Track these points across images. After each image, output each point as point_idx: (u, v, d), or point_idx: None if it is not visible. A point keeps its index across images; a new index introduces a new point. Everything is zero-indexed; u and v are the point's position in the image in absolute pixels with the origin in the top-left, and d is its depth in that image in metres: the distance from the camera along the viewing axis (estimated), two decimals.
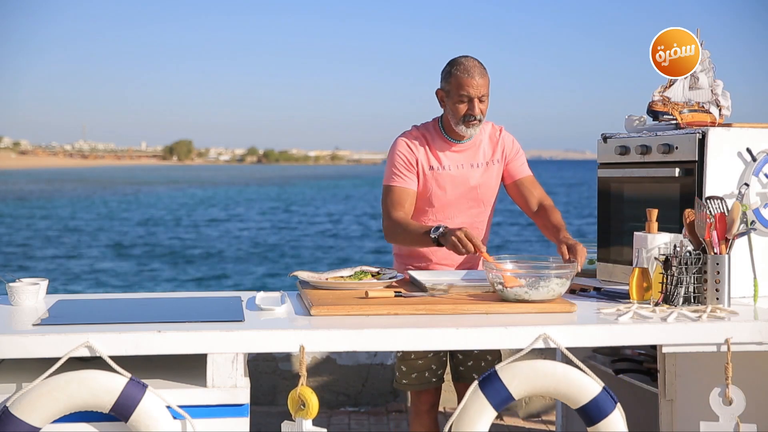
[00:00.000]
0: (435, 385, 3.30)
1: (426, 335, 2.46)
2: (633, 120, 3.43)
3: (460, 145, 3.31)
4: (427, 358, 3.25)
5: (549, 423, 4.72)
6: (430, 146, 3.30)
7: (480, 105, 3.19)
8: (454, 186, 3.29)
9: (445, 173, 3.28)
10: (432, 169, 3.29)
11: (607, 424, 2.48)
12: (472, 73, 3.16)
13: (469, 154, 3.32)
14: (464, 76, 3.16)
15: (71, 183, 76.73)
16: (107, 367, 2.35)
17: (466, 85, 3.15)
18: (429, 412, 3.32)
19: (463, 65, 3.18)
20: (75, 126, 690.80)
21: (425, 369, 3.26)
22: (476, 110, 3.18)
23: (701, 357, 2.88)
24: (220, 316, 2.60)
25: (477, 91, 3.16)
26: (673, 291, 2.74)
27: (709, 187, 3.02)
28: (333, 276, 3.03)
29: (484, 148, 3.35)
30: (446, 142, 3.30)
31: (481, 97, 3.18)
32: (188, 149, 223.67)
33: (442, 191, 3.29)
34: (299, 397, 2.42)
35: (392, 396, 4.91)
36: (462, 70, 3.16)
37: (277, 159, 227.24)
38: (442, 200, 3.30)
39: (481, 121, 3.22)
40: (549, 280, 2.71)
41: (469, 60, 3.20)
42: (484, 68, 3.21)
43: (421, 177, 3.29)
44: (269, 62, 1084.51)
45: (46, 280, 2.89)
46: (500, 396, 2.46)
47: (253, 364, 4.78)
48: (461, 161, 3.31)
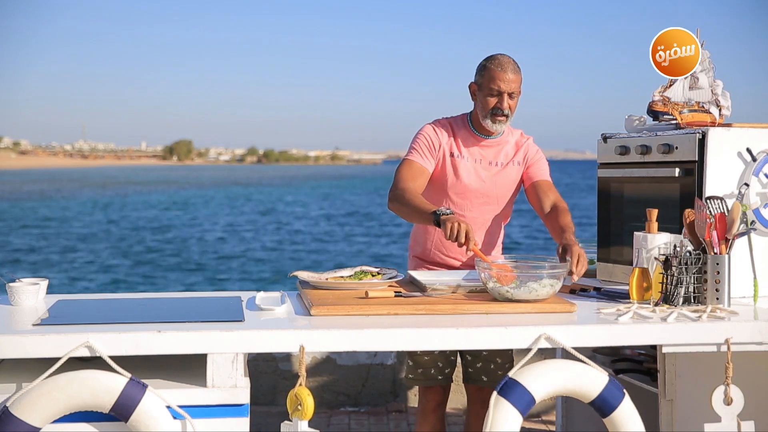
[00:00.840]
0: (441, 383, 3.30)
1: (426, 335, 2.46)
2: (633, 120, 3.44)
3: (486, 140, 3.33)
4: (433, 355, 3.26)
5: (549, 423, 4.72)
6: (455, 136, 3.34)
7: (509, 101, 3.23)
8: (471, 178, 3.30)
9: (464, 163, 3.31)
10: (452, 156, 3.31)
11: (621, 411, 2.52)
12: (506, 68, 3.20)
13: (493, 152, 3.34)
14: (497, 69, 3.20)
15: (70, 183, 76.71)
16: (107, 367, 2.35)
17: (498, 79, 3.19)
18: (435, 411, 3.33)
19: (498, 60, 3.23)
20: (75, 126, 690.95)
21: (431, 366, 3.27)
22: (505, 104, 3.21)
23: (701, 357, 2.88)
24: (220, 316, 2.60)
25: (508, 87, 3.20)
26: (673, 291, 2.74)
27: (709, 187, 3.02)
28: (333, 276, 3.03)
29: (507, 150, 3.37)
30: (472, 135, 3.34)
31: (511, 93, 3.22)
32: (188, 149, 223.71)
33: (458, 180, 3.30)
34: (296, 398, 2.42)
35: (392, 396, 4.91)
36: (496, 65, 3.21)
37: (277, 159, 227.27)
38: (456, 189, 3.31)
39: (508, 117, 3.25)
40: (537, 281, 2.71)
41: (505, 57, 3.25)
42: (518, 67, 3.25)
43: (440, 161, 3.32)
44: (269, 62, 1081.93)
45: (46, 280, 2.89)
46: (524, 400, 2.47)
47: (253, 364, 4.78)
48: (483, 156, 3.33)
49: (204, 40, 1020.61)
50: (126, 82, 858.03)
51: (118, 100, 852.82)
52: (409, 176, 3.27)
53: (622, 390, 2.52)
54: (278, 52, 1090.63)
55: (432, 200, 3.31)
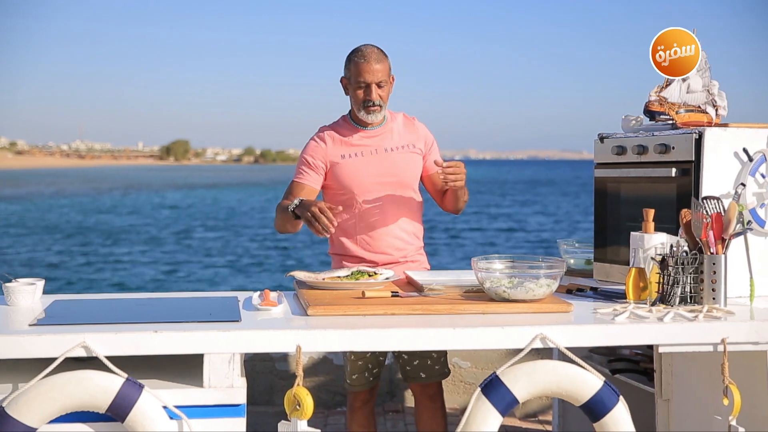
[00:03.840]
0: (372, 385, 3.37)
1: (422, 335, 2.46)
2: (630, 120, 3.44)
3: (371, 131, 3.34)
4: (365, 358, 3.30)
5: (546, 423, 4.72)
6: (339, 139, 3.34)
7: (378, 91, 3.24)
8: (371, 170, 3.30)
9: (358, 159, 3.31)
10: (344, 158, 3.31)
11: (613, 417, 2.48)
12: (369, 59, 3.22)
13: (382, 139, 3.34)
14: (361, 62, 3.22)
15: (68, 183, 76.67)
16: (103, 367, 2.34)
17: (363, 71, 3.21)
18: (362, 408, 3.39)
19: (362, 52, 3.24)
20: (72, 126, 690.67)
21: (364, 369, 3.32)
22: (374, 95, 3.23)
23: (698, 357, 2.89)
24: (217, 316, 2.60)
25: (374, 77, 3.21)
26: (669, 291, 2.74)
27: (706, 187, 3.03)
28: (330, 276, 3.03)
29: (399, 133, 3.37)
30: (356, 130, 3.34)
31: (379, 83, 3.23)
32: (185, 149, 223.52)
33: (359, 177, 3.30)
34: (294, 398, 2.42)
35: (389, 396, 4.91)
36: (359, 56, 3.24)
37: (274, 159, 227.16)
38: (361, 186, 3.30)
39: (381, 107, 3.27)
40: (533, 281, 2.71)
41: (368, 47, 3.26)
42: (383, 54, 3.26)
43: (328, 173, 3.32)
44: (266, 62, 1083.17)
45: (42, 280, 2.89)
46: (505, 400, 2.45)
47: (249, 364, 4.78)
48: (374, 146, 3.33)
49: (201, 39, 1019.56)
50: (123, 82, 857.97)
51: (114, 100, 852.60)
52: (287, 194, 3.32)
53: (617, 395, 2.49)
54: (275, 52, 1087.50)
55: (346, 205, 3.29)
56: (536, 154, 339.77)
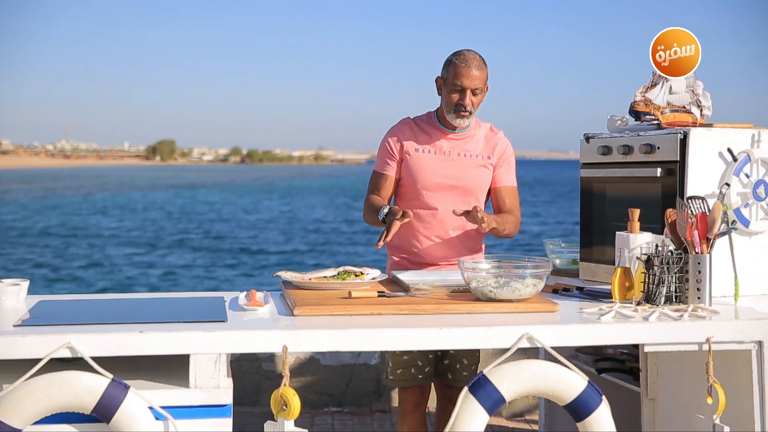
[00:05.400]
0: (420, 383, 3.31)
1: (409, 335, 2.46)
2: (615, 120, 3.45)
3: (453, 134, 3.35)
4: (412, 354, 3.27)
5: (532, 422, 4.73)
6: (420, 133, 3.36)
7: (472, 98, 3.24)
8: (436, 170, 3.32)
9: (429, 156, 3.33)
10: (417, 152, 3.33)
11: (596, 417, 2.50)
12: (470, 64, 3.21)
13: (461, 144, 3.35)
14: (462, 66, 3.21)
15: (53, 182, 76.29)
16: (89, 368, 2.33)
17: (462, 76, 3.20)
18: (413, 411, 3.33)
19: (464, 56, 3.24)
20: (57, 126, 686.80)
21: (411, 365, 3.27)
22: (467, 101, 3.22)
23: (683, 356, 2.90)
24: (203, 316, 2.59)
25: (471, 83, 3.21)
26: (654, 290, 2.75)
27: (691, 186, 3.04)
28: (316, 276, 3.03)
29: (478, 142, 3.38)
30: (439, 130, 3.35)
31: (474, 89, 3.23)
32: (171, 149, 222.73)
33: (428, 173, 3.31)
34: (281, 398, 2.42)
35: (376, 396, 4.91)
36: (461, 60, 3.23)
37: (260, 159, 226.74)
38: (424, 184, 3.31)
39: (471, 113, 3.27)
40: (519, 281, 2.72)
41: (471, 53, 3.26)
42: (483, 63, 3.26)
43: (401, 163, 3.35)
44: (253, 62, 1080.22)
45: (27, 281, 2.87)
46: (492, 399, 2.47)
47: (236, 364, 4.76)
48: (450, 148, 3.34)
49: (187, 40, 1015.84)
50: (109, 81, 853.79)
51: (100, 99, 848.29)
52: (372, 187, 3.41)
53: (600, 396, 2.51)
54: (262, 52, 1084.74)
55: (406, 200, 3.35)
56: (523, 154, 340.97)
